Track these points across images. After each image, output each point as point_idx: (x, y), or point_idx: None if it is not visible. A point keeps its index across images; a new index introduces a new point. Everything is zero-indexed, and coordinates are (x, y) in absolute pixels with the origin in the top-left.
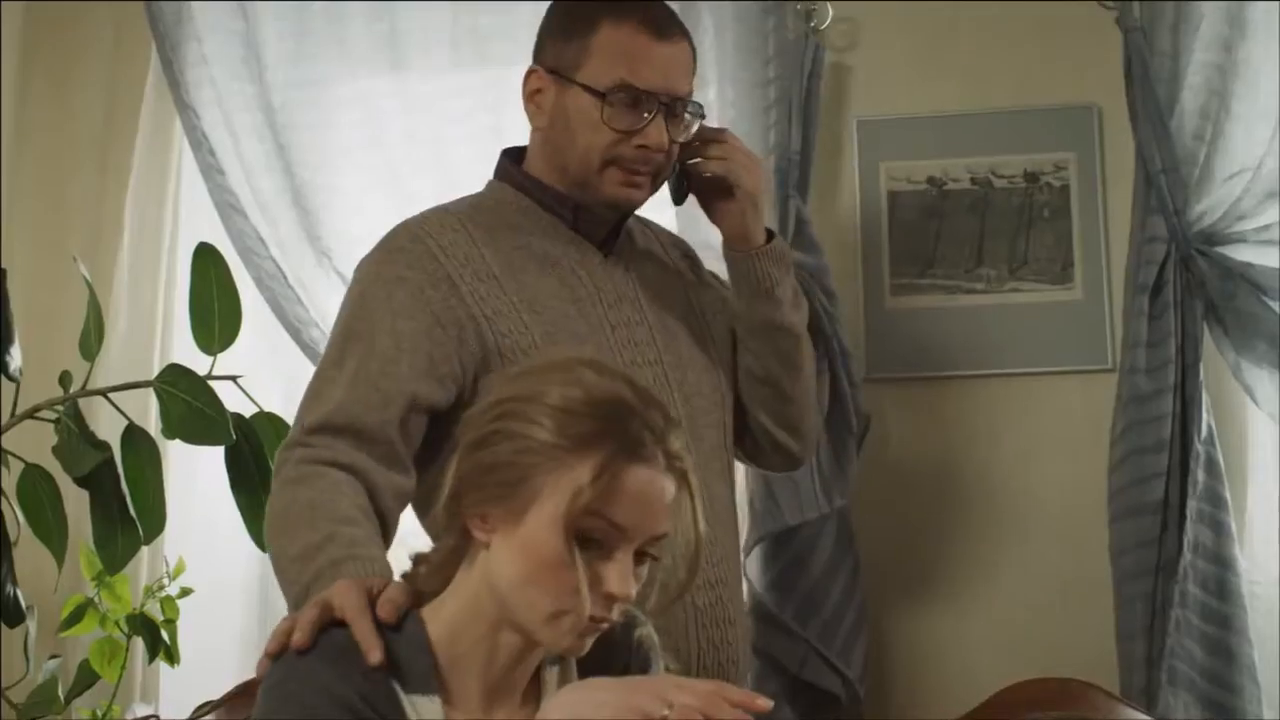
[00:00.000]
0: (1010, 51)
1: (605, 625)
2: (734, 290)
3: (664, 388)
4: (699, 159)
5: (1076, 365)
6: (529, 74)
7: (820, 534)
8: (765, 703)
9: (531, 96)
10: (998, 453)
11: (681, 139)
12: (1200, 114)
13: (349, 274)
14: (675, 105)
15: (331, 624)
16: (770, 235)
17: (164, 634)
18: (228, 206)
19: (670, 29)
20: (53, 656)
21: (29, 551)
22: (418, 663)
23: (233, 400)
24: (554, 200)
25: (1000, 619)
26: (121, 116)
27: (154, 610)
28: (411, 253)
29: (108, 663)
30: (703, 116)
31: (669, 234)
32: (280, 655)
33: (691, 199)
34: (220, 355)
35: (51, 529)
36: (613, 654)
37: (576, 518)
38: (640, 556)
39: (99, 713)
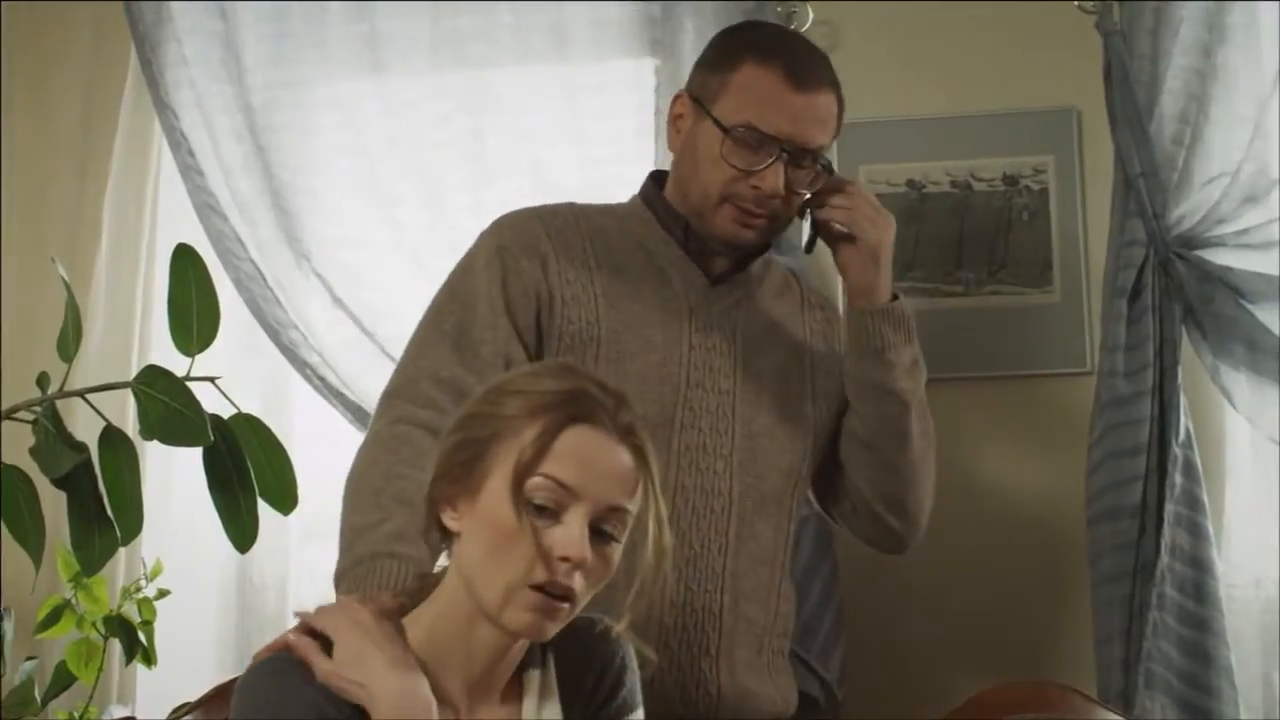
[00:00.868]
0: (990, 54)
1: (566, 603)
2: (848, 346)
3: (725, 418)
4: (824, 207)
5: (1055, 368)
6: (675, 98)
7: (799, 536)
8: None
9: (674, 120)
10: (976, 455)
11: (805, 190)
12: (1179, 118)
13: (328, 276)
14: (802, 156)
15: None
16: (895, 297)
17: (141, 635)
18: (206, 207)
19: (813, 80)
20: (29, 658)
21: (6, 553)
22: None
23: (211, 401)
24: (669, 217)
25: (978, 621)
26: (100, 117)
27: (131, 612)
28: (519, 228)
29: (85, 664)
30: (831, 171)
31: (819, 295)
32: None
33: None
34: (198, 356)
35: (29, 530)
36: (590, 654)
37: (521, 478)
38: (601, 535)
39: (76, 714)
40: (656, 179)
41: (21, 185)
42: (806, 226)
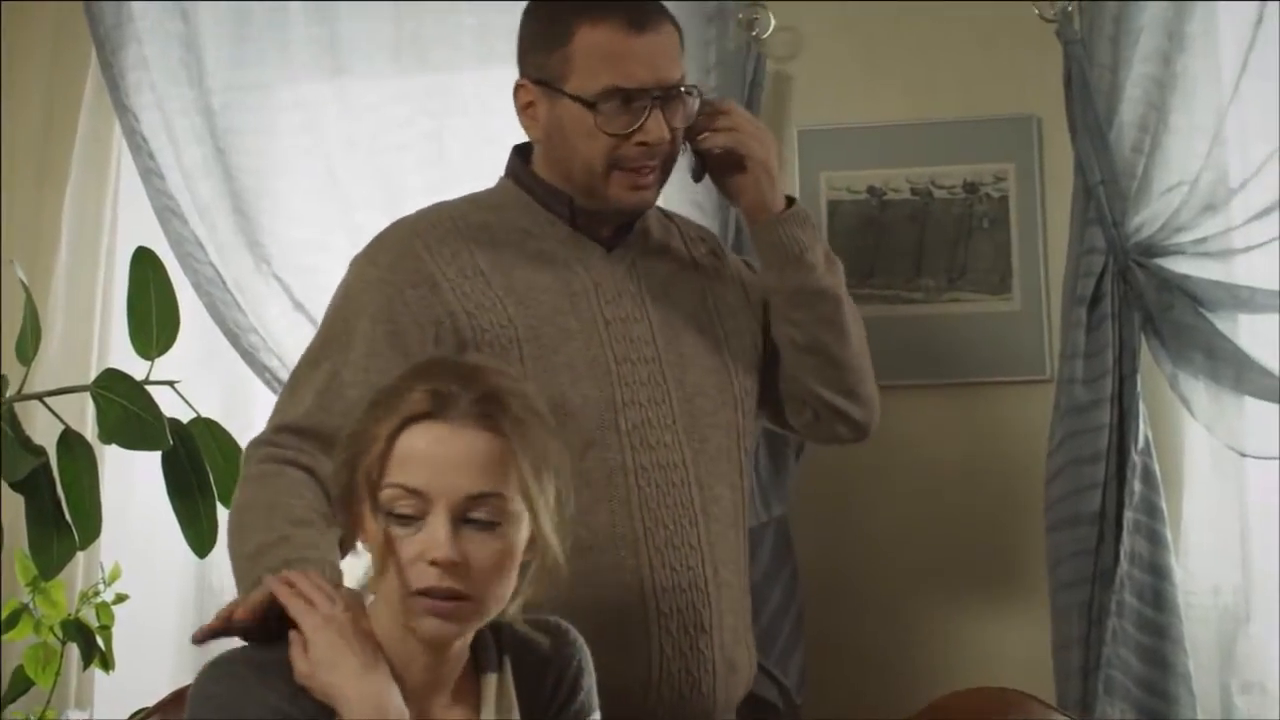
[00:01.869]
0: (951, 62)
1: (460, 602)
2: (763, 263)
3: (659, 385)
4: (706, 133)
5: (1014, 376)
6: (517, 87)
7: (759, 542)
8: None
9: (524, 109)
10: (935, 462)
11: (683, 125)
12: (1139, 126)
13: (288, 279)
14: (669, 94)
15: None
16: (791, 201)
17: (99, 640)
18: (166, 210)
19: (649, 17)
20: None
21: None
22: None
23: (170, 405)
24: (550, 197)
25: (937, 628)
26: (60, 119)
27: (89, 616)
28: (395, 252)
29: (42, 669)
30: (700, 96)
31: (696, 228)
32: (218, 632)
33: None
34: (158, 360)
35: None
36: (548, 658)
37: (374, 493)
38: (471, 523)
39: (33, 719)
40: (521, 153)
41: None
42: (687, 159)
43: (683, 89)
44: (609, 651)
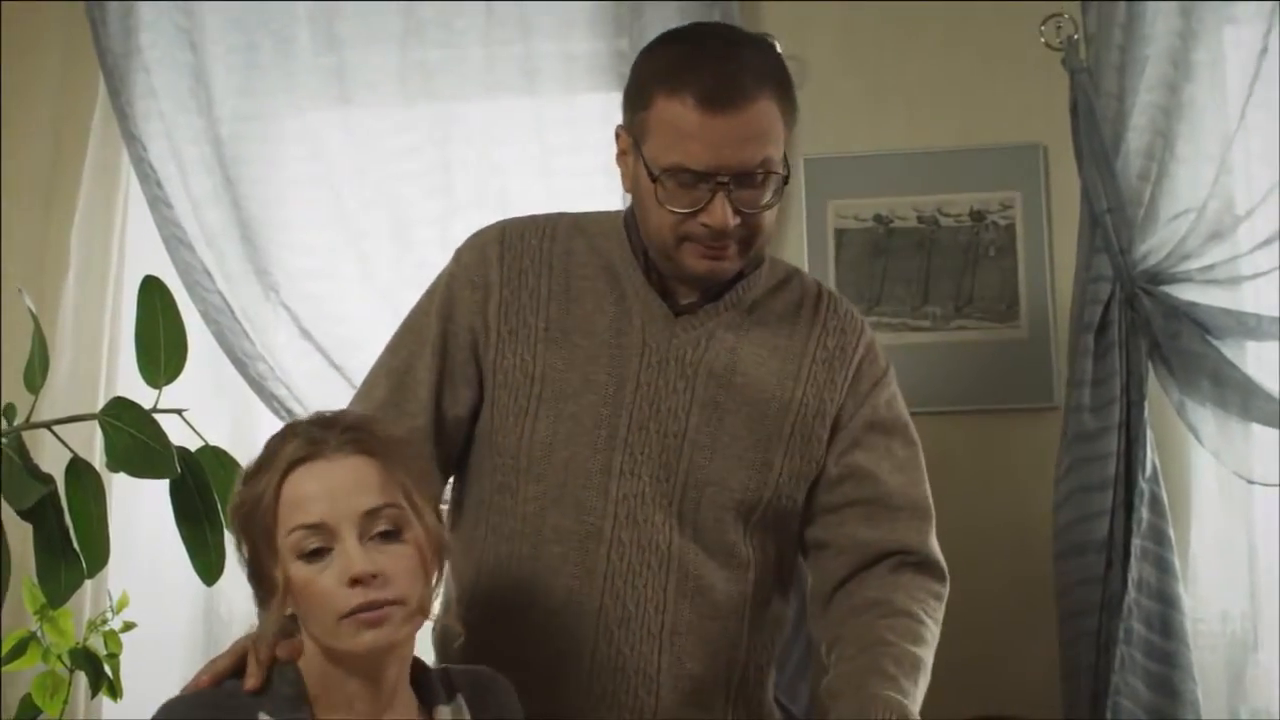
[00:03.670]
0: (957, 91)
1: (389, 607)
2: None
3: (669, 464)
4: None
5: (1021, 403)
6: (616, 133)
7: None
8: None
9: (619, 157)
10: (943, 490)
11: (762, 207)
12: (1145, 154)
13: (295, 307)
14: (748, 177)
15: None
16: None
17: (107, 668)
18: (174, 239)
19: (734, 96)
20: None
21: None
22: (283, 693)
23: (178, 433)
24: (636, 242)
25: (945, 656)
26: (68, 148)
27: (97, 644)
28: (478, 251)
29: (50, 697)
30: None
31: (844, 327)
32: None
33: None
34: (166, 388)
35: None
36: (502, 705)
37: (273, 544)
38: (376, 538)
39: None
40: None
41: None
42: None
43: (771, 172)
44: (542, 707)
